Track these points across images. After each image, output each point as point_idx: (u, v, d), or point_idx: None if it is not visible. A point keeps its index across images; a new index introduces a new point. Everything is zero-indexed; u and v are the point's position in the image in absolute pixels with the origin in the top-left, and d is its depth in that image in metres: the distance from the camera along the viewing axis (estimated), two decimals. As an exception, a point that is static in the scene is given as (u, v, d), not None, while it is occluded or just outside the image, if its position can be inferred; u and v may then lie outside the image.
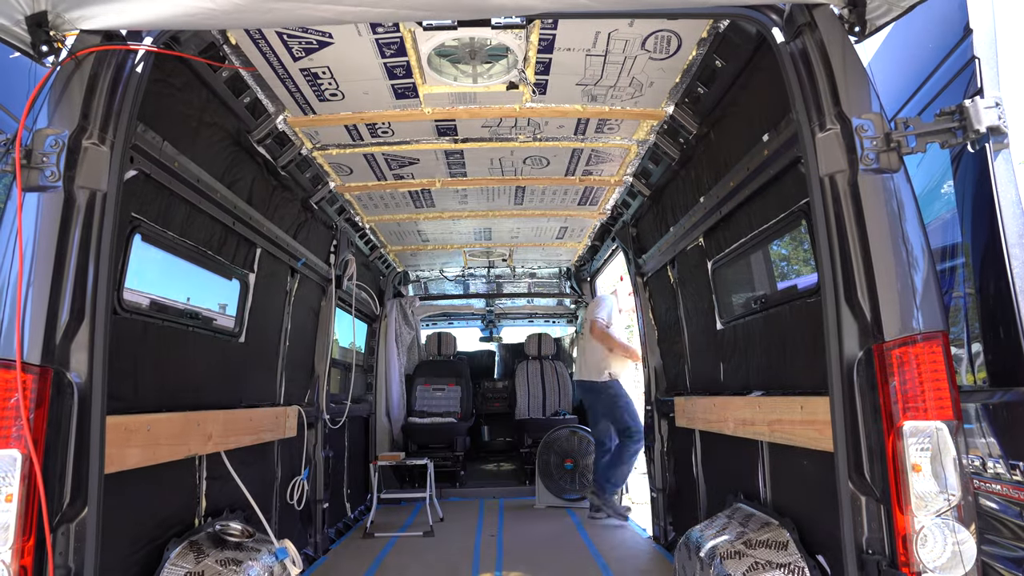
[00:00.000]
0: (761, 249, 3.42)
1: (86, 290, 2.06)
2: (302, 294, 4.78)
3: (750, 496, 3.44)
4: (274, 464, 4.27)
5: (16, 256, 1.97)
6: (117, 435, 2.40)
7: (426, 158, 4.26)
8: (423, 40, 2.90)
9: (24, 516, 1.87)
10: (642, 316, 5.49)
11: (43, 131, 2.06)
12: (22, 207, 2.00)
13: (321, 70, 3.08)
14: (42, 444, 1.92)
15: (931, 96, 2.67)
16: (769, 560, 2.78)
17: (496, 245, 6.60)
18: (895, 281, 2.03)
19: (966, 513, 1.92)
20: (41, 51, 2.11)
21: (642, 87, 3.34)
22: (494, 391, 8.75)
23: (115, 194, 2.12)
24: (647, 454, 5.50)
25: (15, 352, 1.91)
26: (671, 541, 4.95)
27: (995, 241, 2.30)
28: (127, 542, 2.65)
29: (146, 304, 2.97)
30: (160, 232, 2.97)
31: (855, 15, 2.14)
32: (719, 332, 4.01)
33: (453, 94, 3.38)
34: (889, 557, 1.97)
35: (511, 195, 5.04)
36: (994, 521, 2.26)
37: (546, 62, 3.08)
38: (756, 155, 3.03)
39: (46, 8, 2.06)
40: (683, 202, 4.17)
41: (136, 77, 2.21)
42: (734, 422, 3.49)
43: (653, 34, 2.86)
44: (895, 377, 1.97)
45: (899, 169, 2.07)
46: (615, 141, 4.04)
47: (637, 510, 7.06)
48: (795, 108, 2.22)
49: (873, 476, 2.01)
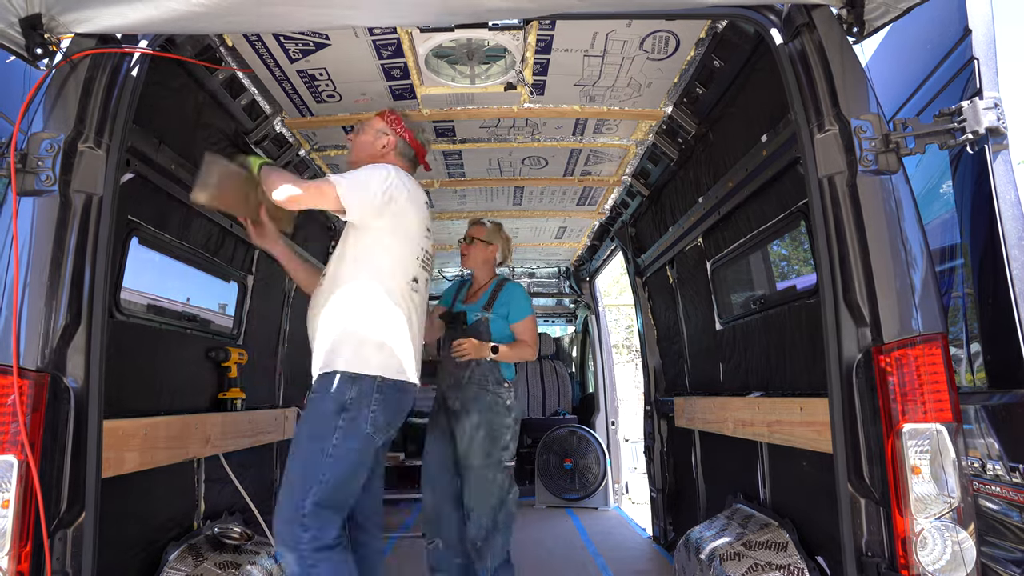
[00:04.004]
0: (760, 250, 3.42)
1: (82, 294, 2.05)
2: (301, 296, 4.76)
3: (750, 497, 3.44)
4: (273, 466, 4.27)
5: (12, 261, 1.96)
6: (114, 439, 2.40)
7: (424, 159, 4.25)
8: (420, 42, 2.90)
9: (21, 522, 1.87)
10: (641, 316, 5.48)
11: (38, 135, 2.05)
12: (18, 211, 1.99)
13: (318, 71, 3.07)
14: (39, 449, 1.91)
15: (929, 97, 2.67)
16: (769, 561, 2.78)
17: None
18: (894, 283, 2.02)
19: (966, 515, 1.92)
20: (36, 54, 2.09)
21: (640, 87, 3.33)
22: (494, 391, 8.74)
23: (111, 198, 2.11)
24: (647, 454, 5.49)
25: (11, 357, 1.90)
26: (671, 541, 4.95)
27: (994, 242, 2.30)
28: (125, 546, 2.64)
29: (144, 307, 2.96)
30: (157, 235, 2.96)
31: (853, 16, 2.13)
32: (718, 332, 4.00)
33: (451, 95, 3.37)
34: (889, 559, 1.96)
35: (510, 195, 5.03)
36: (994, 523, 2.26)
37: (544, 63, 3.07)
38: (755, 156, 3.02)
39: (40, 11, 2.05)
40: (682, 202, 4.17)
41: (132, 80, 2.20)
42: (733, 423, 3.49)
43: (651, 34, 2.85)
44: (894, 379, 1.97)
45: (898, 170, 2.07)
46: (613, 141, 4.03)
47: (637, 510, 7.06)
48: (793, 109, 2.21)
49: (872, 478, 2.00)
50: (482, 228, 3.90)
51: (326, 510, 2.45)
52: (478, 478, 3.50)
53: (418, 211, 2.75)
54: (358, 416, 2.52)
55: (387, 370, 2.58)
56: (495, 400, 3.54)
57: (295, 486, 2.47)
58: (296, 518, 2.41)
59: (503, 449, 3.54)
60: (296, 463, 2.51)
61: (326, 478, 2.46)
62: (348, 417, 2.51)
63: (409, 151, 2.98)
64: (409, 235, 2.71)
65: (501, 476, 3.53)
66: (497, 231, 3.95)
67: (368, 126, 2.96)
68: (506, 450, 3.56)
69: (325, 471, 2.46)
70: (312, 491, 2.43)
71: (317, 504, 2.43)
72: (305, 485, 2.44)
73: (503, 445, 3.54)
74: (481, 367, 3.56)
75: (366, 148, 2.92)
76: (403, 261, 2.68)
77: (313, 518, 2.42)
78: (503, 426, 3.55)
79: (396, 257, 2.67)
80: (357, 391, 2.53)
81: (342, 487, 2.51)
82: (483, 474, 3.50)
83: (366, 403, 2.53)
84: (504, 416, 3.55)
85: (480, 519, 3.48)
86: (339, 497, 2.51)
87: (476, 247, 3.85)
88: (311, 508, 2.42)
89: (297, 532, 2.40)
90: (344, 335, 2.59)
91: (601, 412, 7.47)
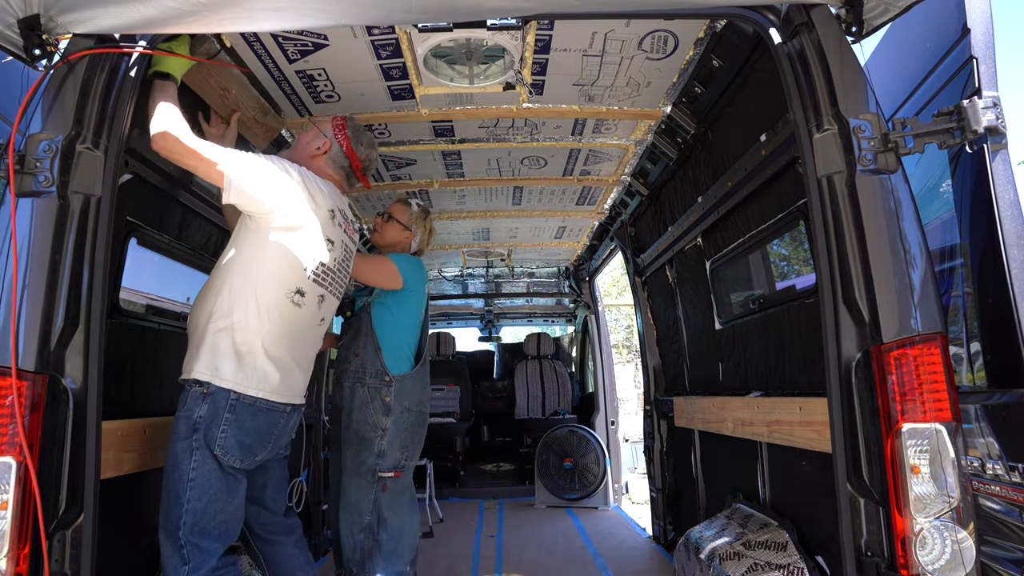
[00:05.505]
0: (759, 249, 3.42)
1: (81, 295, 2.05)
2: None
3: (749, 496, 3.44)
4: None
5: (10, 262, 1.96)
6: (113, 440, 2.39)
7: (423, 159, 4.25)
8: (419, 42, 2.90)
9: (20, 523, 1.86)
10: (641, 316, 5.48)
11: (36, 136, 2.05)
12: (16, 213, 1.99)
13: (317, 72, 3.06)
14: (37, 450, 1.91)
15: (928, 96, 2.67)
16: (768, 561, 2.78)
17: (494, 245, 6.59)
18: (893, 282, 2.02)
19: (965, 515, 1.92)
20: (34, 55, 2.09)
21: (639, 87, 3.33)
22: (493, 391, 8.75)
23: (110, 199, 2.11)
24: (647, 454, 5.49)
25: (10, 358, 1.90)
26: (671, 541, 4.95)
27: (993, 242, 2.29)
28: (124, 547, 2.64)
29: (143, 308, 2.96)
30: (156, 236, 2.96)
31: (852, 15, 2.13)
32: (718, 332, 4.00)
33: (450, 95, 3.37)
34: (888, 559, 1.96)
35: (509, 195, 5.03)
36: (994, 523, 2.26)
37: (543, 63, 3.07)
38: (754, 155, 3.02)
39: (39, 12, 2.04)
40: (681, 202, 4.16)
41: (130, 80, 2.20)
42: (733, 422, 3.49)
43: (650, 34, 2.85)
44: (893, 378, 1.97)
45: (897, 170, 2.07)
46: (612, 141, 4.03)
47: (637, 510, 7.06)
48: (792, 108, 2.21)
49: (872, 478, 2.00)
50: (404, 209, 3.42)
51: (203, 539, 2.29)
52: (344, 492, 2.99)
53: (314, 219, 2.48)
54: (208, 436, 2.32)
55: (240, 386, 2.35)
56: (371, 395, 3.04)
57: (168, 512, 2.29)
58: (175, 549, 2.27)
59: (377, 455, 3.01)
60: (165, 490, 2.33)
61: (189, 505, 2.27)
62: (199, 438, 2.31)
63: (343, 160, 2.78)
64: (298, 242, 2.44)
65: (370, 488, 2.98)
66: (422, 218, 3.46)
67: (315, 126, 2.83)
68: (382, 457, 3.02)
69: (189, 497, 2.28)
70: (181, 519, 2.26)
71: (192, 532, 2.27)
72: (175, 512, 2.27)
73: (376, 450, 3.01)
74: (359, 357, 3.09)
75: (302, 147, 2.78)
76: (285, 270, 2.43)
77: (191, 548, 2.27)
78: (377, 426, 3.02)
79: (277, 263, 2.42)
80: (208, 408, 2.32)
81: (208, 514, 2.31)
82: (347, 486, 2.98)
83: (216, 423, 2.32)
84: (378, 414, 3.02)
85: (345, 541, 2.95)
86: (208, 524, 2.31)
87: (391, 226, 3.39)
88: (186, 538, 2.26)
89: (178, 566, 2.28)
90: (206, 338, 2.37)
91: (601, 412, 7.47)
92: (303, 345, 2.56)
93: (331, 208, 2.59)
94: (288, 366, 2.48)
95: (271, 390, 2.42)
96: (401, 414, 3.10)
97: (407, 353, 3.23)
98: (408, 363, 3.21)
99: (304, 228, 2.47)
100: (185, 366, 2.43)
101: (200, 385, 2.35)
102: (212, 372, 2.35)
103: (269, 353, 2.41)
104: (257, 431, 2.41)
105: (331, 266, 2.59)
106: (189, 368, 2.39)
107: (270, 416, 2.44)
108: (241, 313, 2.37)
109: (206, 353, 2.37)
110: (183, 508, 2.28)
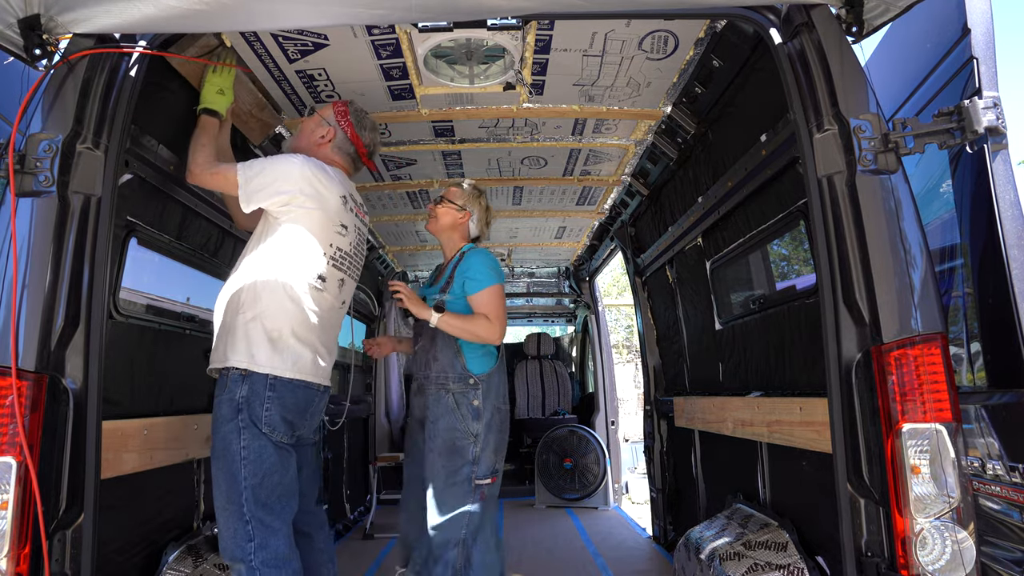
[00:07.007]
0: (760, 249, 3.42)
1: (81, 295, 2.05)
2: None
3: (749, 496, 3.44)
4: None
5: (10, 262, 1.96)
6: (114, 440, 2.39)
7: (423, 159, 4.25)
8: (419, 42, 2.90)
9: (20, 523, 1.86)
10: (641, 316, 5.48)
11: (36, 136, 2.05)
12: (16, 213, 1.99)
13: (317, 72, 3.06)
14: (37, 450, 1.91)
15: (929, 96, 2.67)
16: (768, 561, 2.78)
17: (494, 245, 6.59)
18: (893, 282, 2.02)
19: (965, 515, 1.92)
20: (34, 55, 2.09)
21: (639, 87, 3.33)
22: (493, 391, 8.74)
23: (110, 199, 2.11)
24: (647, 454, 5.49)
25: (10, 358, 1.90)
26: (671, 541, 4.95)
27: (994, 242, 2.29)
28: (125, 547, 2.64)
29: (143, 308, 2.96)
30: (156, 236, 2.96)
31: (852, 15, 2.13)
32: (718, 332, 4.00)
33: (450, 95, 3.37)
34: (888, 559, 1.96)
35: (509, 195, 5.03)
36: (994, 523, 2.26)
37: (543, 63, 3.07)
38: (754, 155, 3.02)
39: (39, 11, 2.05)
40: (681, 202, 4.16)
41: (130, 80, 2.20)
42: (733, 422, 3.49)
43: (650, 34, 2.85)
44: (893, 379, 1.97)
45: (897, 170, 2.07)
46: (613, 141, 4.03)
47: (637, 510, 7.06)
48: (792, 108, 2.21)
49: (872, 478, 2.00)
50: (457, 191, 3.26)
51: (266, 514, 2.37)
52: (437, 506, 2.85)
53: (328, 206, 2.57)
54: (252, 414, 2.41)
55: (277, 370, 2.45)
56: (457, 401, 2.91)
57: (229, 494, 2.37)
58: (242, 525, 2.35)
59: (472, 463, 2.88)
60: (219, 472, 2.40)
61: (247, 482, 2.37)
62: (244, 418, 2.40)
63: (349, 147, 2.83)
64: (315, 230, 2.55)
65: (467, 499, 2.86)
66: (476, 197, 3.27)
67: (317, 114, 2.86)
68: (477, 464, 2.89)
69: (245, 474, 2.37)
70: (243, 496, 2.35)
71: (256, 506, 2.36)
72: (235, 492, 2.36)
73: (471, 458, 2.88)
74: (439, 362, 2.95)
75: (306, 136, 2.82)
76: (306, 257, 2.54)
77: (256, 524, 2.35)
78: (468, 433, 2.89)
79: (298, 252, 2.52)
80: (249, 388, 2.41)
81: (266, 487, 2.41)
82: (440, 500, 2.85)
83: (259, 401, 2.41)
84: (469, 421, 2.89)
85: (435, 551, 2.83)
86: (268, 499, 2.40)
87: (445, 209, 3.18)
88: (251, 513, 2.34)
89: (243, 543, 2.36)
90: (236, 329, 2.46)
91: (601, 412, 7.47)
92: (328, 328, 2.67)
93: (342, 194, 2.66)
94: (317, 348, 2.59)
95: (306, 371, 2.53)
96: (492, 416, 2.97)
97: (489, 348, 3.04)
98: (491, 358, 3.03)
99: (319, 215, 2.56)
100: (215, 356, 2.52)
101: (238, 371, 2.43)
102: (249, 359, 2.43)
103: (299, 336, 2.51)
104: (297, 407, 2.52)
105: (348, 250, 2.69)
106: (224, 358, 2.46)
107: (307, 393, 2.55)
108: (268, 301, 2.47)
109: (241, 342, 2.45)
110: (242, 486, 2.36)
